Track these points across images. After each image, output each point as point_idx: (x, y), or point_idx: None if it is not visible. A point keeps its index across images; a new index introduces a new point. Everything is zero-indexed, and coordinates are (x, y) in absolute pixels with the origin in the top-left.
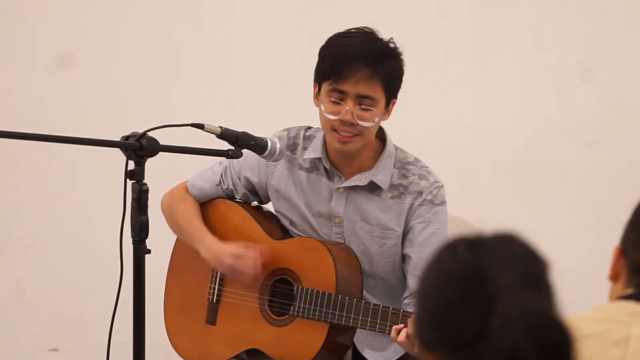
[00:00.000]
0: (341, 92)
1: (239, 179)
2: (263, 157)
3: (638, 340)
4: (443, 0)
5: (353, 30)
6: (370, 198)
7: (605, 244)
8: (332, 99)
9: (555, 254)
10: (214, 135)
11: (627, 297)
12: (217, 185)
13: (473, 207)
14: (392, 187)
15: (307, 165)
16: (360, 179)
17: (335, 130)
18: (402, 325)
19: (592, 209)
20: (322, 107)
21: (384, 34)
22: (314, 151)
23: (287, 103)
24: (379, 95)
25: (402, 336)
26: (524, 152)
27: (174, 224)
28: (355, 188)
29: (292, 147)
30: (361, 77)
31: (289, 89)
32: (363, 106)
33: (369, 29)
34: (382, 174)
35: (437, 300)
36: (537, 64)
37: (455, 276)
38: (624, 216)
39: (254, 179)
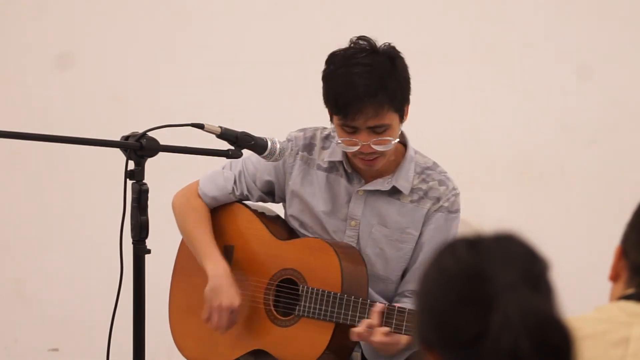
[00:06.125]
0: (352, 127)
1: (254, 183)
2: (263, 157)
3: (638, 340)
4: (444, 1)
5: (351, 51)
6: (390, 202)
7: (605, 243)
8: (346, 131)
9: (555, 254)
10: (214, 135)
11: (627, 297)
12: (229, 193)
13: (473, 207)
14: (412, 191)
15: (326, 165)
16: (383, 184)
17: (355, 156)
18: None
19: (592, 209)
20: (337, 138)
21: (384, 36)
22: (334, 154)
23: (287, 103)
24: (391, 119)
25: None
26: (523, 152)
27: (185, 232)
28: (375, 192)
29: (308, 147)
30: (368, 113)
31: (289, 88)
32: (377, 135)
33: (367, 43)
34: (403, 178)
35: (436, 300)
36: (537, 63)
37: (455, 276)
38: (624, 216)
39: (273, 179)
